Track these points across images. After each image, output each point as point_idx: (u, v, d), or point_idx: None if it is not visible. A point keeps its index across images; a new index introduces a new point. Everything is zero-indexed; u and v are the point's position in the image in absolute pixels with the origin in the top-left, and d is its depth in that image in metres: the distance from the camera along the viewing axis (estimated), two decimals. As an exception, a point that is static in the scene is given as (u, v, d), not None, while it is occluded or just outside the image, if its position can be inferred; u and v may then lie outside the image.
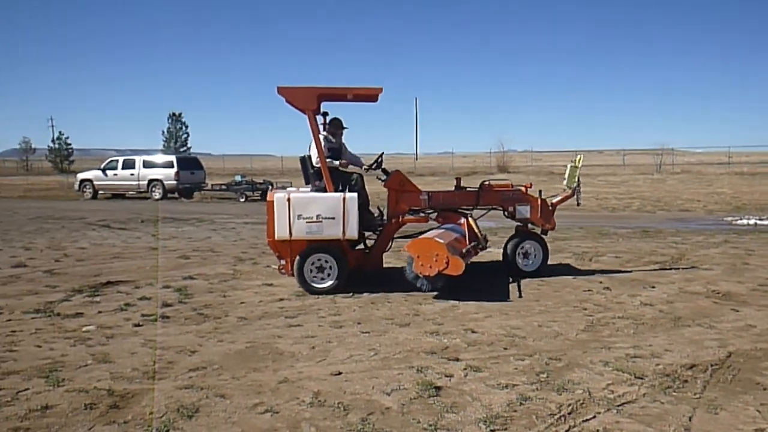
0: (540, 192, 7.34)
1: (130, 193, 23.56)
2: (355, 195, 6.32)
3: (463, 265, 5.81)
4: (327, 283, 6.34)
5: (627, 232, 11.16)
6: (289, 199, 6.20)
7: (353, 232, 6.28)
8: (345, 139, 7.23)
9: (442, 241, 5.86)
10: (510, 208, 7.17)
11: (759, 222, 12.81)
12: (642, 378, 3.87)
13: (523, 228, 7.36)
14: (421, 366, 4.11)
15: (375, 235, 6.96)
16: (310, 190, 6.74)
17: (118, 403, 3.53)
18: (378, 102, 6.90)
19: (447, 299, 6.00)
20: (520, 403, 3.50)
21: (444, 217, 7.06)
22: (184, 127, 59.81)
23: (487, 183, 7.27)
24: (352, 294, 6.25)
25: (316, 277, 6.36)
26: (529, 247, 7.18)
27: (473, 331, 4.93)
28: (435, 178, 32.32)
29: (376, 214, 7.05)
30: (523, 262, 7.17)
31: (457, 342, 4.66)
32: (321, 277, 6.36)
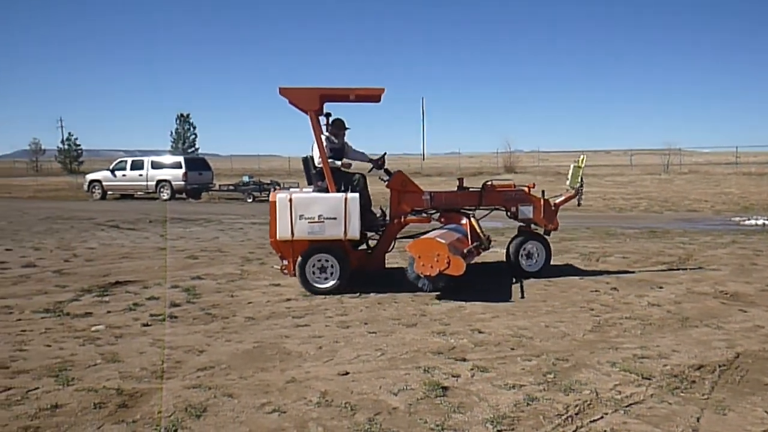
0: (543, 192, 7.32)
1: (139, 193, 23.68)
2: (356, 195, 6.33)
3: (464, 265, 5.80)
4: (329, 283, 6.35)
5: (634, 233, 11.13)
6: (290, 200, 6.22)
7: (355, 233, 6.29)
8: (350, 140, 7.25)
9: (443, 242, 5.86)
10: (513, 209, 7.16)
11: (767, 222, 12.73)
12: (649, 379, 3.86)
13: (526, 228, 7.34)
14: (428, 366, 4.12)
15: (378, 236, 6.97)
16: (313, 190, 6.76)
17: (126, 403, 3.56)
18: (381, 102, 6.90)
19: (454, 300, 6.00)
20: (528, 404, 3.50)
21: (446, 217, 7.06)
22: (192, 128, 60.13)
23: (489, 183, 7.26)
24: (359, 294, 6.26)
25: (319, 278, 6.38)
26: (532, 247, 7.16)
27: (480, 332, 4.94)
28: (442, 178, 32.29)
29: (379, 215, 7.06)
30: (526, 262, 7.15)
31: (464, 342, 4.67)
32: (323, 277, 6.38)
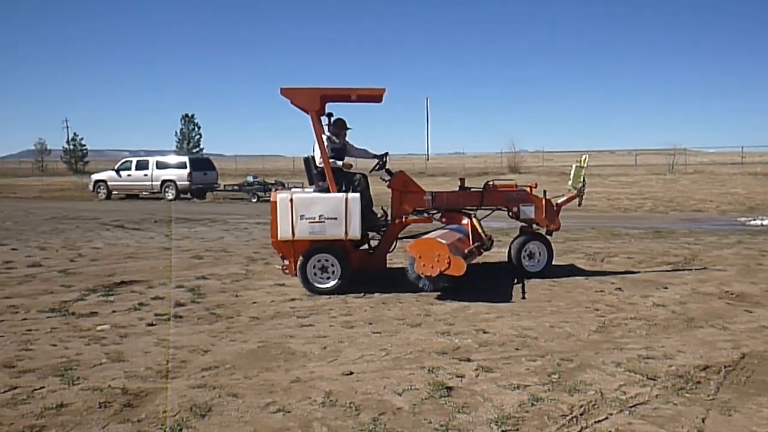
0: (545, 192, 7.31)
1: (144, 193, 23.76)
2: (357, 195, 6.32)
3: (464, 265, 5.79)
4: (330, 283, 6.36)
5: (639, 233, 11.09)
6: (291, 200, 6.22)
7: (356, 233, 6.29)
8: (354, 141, 7.25)
9: (444, 242, 5.85)
10: (514, 209, 7.14)
11: (773, 222, 12.68)
12: (654, 379, 3.85)
13: (527, 228, 7.32)
14: (433, 366, 4.12)
15: (379, 236, 6.97)
16: (314, 190, 6.76)
17: (131, 402, 3.57)
18: (385, 103, 6.90)
19: (458, 300, 5.99)
20: (532, 404, 3.49)
21: (448, 217, 7.05)
22: (197, 128, 60.31)
23: (491, 183, 7.25)
24: (364, 294, 6.26)
25: (321, 278, 6.38)
26: (534, 247, 7.15)
27: (485, 332, 4.93)
28: (446, 178, 32.27)
29: (380, 215, 7.05)
30: (528, 263, 7.13)
31: (469, 342, 4.66)
32: (325, 277, 6.38)
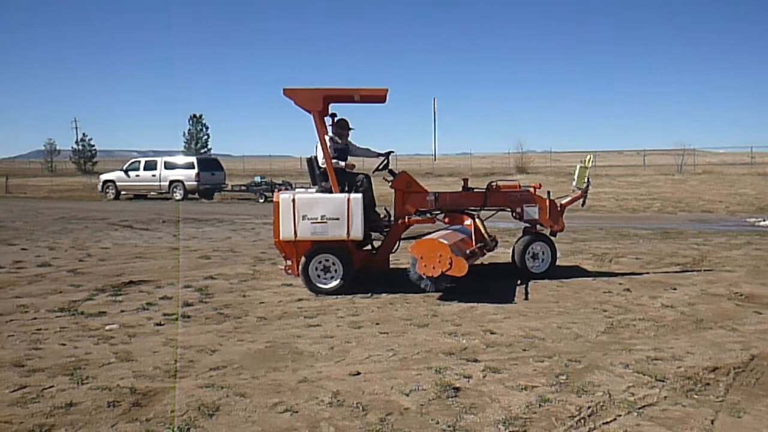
0: (549, 193, 7.28)
1: (152, 193, 23.86)
2: (359, 196, 6.32)
3: (466, 266, 5.78)
4: (332, 283, 6.35)
5: (648, 234, 11.03)
6: (294, 200, 6.22)
7: (358, 233, 6.28)
8: (360, 142, 7.25)
9: (445, 242, 5.84)
10: (518, 209, 7.12)
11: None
12: (663, 380, 3.83)
13: (531, 229, 7.29)
14: (440, 367, 4.12)
15: (382, 236, 6.95)
16: (316, 191, 6.76)
17: (140, 401, 3.59)
18: (391, 103, 6.91)
19: (465, 300, 5.99)
20: (540, 405, 3.48)
21: (451, 218, 7.04)
22: (205, 129, 60.48)
23: (494, 184, 7.23)
24: (371, 294, 6.27)
25: (324, 278, 6.38)
26: (538, 248, 7.12)
27: (492, 332, 4.92)
28: (453, 178, 32.22)
29: (383, 215, 7.05)
30: (531, 263, 7.10)
31: (476, 343, 4.65)
32: (327, 278, 6.38)
